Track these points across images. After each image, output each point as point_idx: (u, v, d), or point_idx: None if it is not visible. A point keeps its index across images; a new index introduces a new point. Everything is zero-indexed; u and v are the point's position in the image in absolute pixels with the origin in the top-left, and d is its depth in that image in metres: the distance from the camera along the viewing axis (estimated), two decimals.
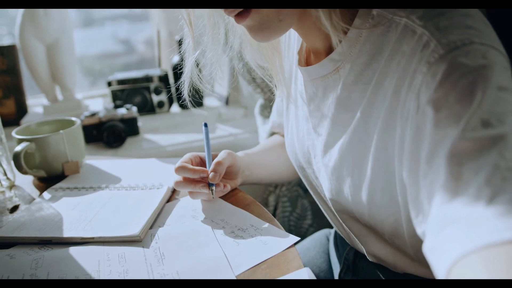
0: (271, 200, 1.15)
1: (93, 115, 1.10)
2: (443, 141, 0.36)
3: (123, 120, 1.13)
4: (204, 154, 0.68)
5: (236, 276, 0.48)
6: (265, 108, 1.14)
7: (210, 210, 0.63)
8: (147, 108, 1.31)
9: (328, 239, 0.81)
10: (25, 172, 0.75)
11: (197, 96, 0.61)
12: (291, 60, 0.65)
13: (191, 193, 0.64)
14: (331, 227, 0.80)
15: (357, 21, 0.47)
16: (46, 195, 0.72)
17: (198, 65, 0.59)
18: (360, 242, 0.60)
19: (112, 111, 1.13)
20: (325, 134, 0.55)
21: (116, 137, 1.09)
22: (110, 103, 1.23)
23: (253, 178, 0.72)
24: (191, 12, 0.55)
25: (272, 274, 0.47)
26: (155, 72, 1.31)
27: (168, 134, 1.22)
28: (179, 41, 1.24)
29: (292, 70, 0.65)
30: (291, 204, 1.15)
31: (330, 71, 0.51)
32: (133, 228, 0.57)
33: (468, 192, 0.32)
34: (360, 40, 0.47)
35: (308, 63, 0.59)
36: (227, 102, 1.37)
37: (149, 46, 1.67)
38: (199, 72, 0.59)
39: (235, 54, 0.62)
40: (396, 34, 0.43)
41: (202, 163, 0.68)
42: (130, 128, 1.15)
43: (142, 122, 1.23)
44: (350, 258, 0.67)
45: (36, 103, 1.39)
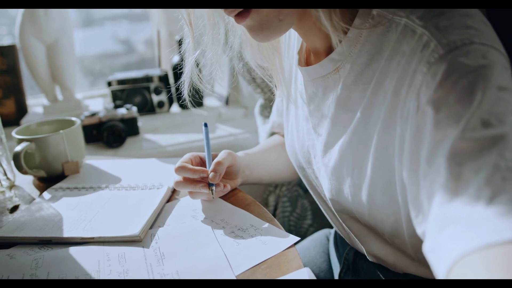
0: (271, 200, 1.14)
1: (93, 115, 1.10)
2: (443, 141, 0.36)
3: (123, 120, 1.13)
4: (204, 154, 0.68)
5: (236, 276, 0.48)
6: (265, 108, 1.14)
7: (210, 210, 0.63)
8: (147, 108, 1.31)
9: (328, 239, 0.81)
10: (25, 172, 0.75)
11: (197, 96, 0.62)
12: (291, 60, 0.65)
13: (191, 193, 0.64)
14: (331, 227, 0.80)
15: (357, 21, 0.47)
16: (46, 195, 0.72)
17: (198, 65, 0.59)
18: (360, 242, 0.60)
19: (112, 111, 1.13)
20: (325, 134, 0.55)
21: (116, 137, 1.09)
22: (110, 103, 1.23)
23: (253, 178, 0.72)
24: (191, 12, 0.55)
25: (272, 274, 0.47)
26: (155, 72, 1.31)
27: (168, 134, 1.22)
28: (179, 41, 1.24)
29: (292, 70, 0.65)
30: (291, 204, 1.14)
31: (330, 71, 0.51)
32: (133, 228, 0.57)
33: (468, 192, 0.32)
34: (360, 40, 0.47)
35: (308, 63, 0.59)
36: (227, 102, 1.37)
37: (149, 46, 1.67)
38: (199, 72, 0.59)
39: (235, 54, 0.62)
40: (396, 34, 0.43)
41: (202, 163, 0.68)
42: (130, 128, 1.15)
43: (142, 122, 1.23)
44: (350, 258, 0.67)
45: (36, 103, 1.39)
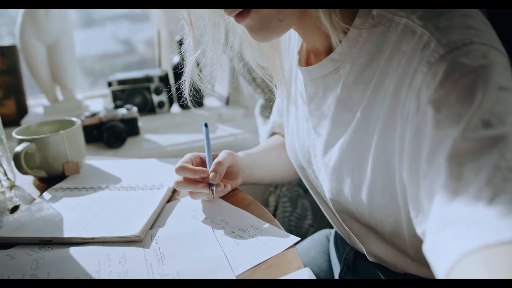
0: (272, 200, 1.14)
1: (93, 115, 1.10)
2: (443, 141, 0.36)
3: (124, 120, 1.14)
4: (204, 154, 0.68)
5: (236, 276, 0.48)
6: (265, 108, 1.14)
7: (211, 210, 0.63)
8: (147, 108, 1.31)
9: (328, 239, 0.81)
10: (25, 173, 0.75)
11: (197, 96, 0.62)
12: (291, 60, 0.65)
13: (191, 193, 0.64)
14: (331, 227, 0.80)
15: (357, 21, 0.47)
16: (47, 195, 0.72)
17: (198, 64, 0.59)
18: (360, 242, 0.60)
19: (112, 111, 1.13)
20: (325, 134, 0.55)
21: (116, 137, 1.09)
22: (110, 103, 1.23)
23: (253, 178, 0.72)
24: (191, 12, 0.55)
25: (272, 274, 0.47)
26: (155, 72, 1.31)
27: (168, 134, 1.22)
28: (180, 41, 1.24)
29: (292, 70, 0.65)
30: (291, 204, 1.14)
31: (330, 71, 0.51)
32: (133, 228, 0.57)
33: (469, 192, 0.32)
34: (360, 40, 0.47)
35: (308, 63, 0.59)
36: (228, 102, 1.37)
37: (149, 46, 1.67)
38: (199, 72, 0.59)
39: (236, 54, 0.62)
40: (396, 34, 0.43)
41: (202, 163, 0.68)
42: (130, 128, 1.16)
43: (143, 122, 1.23)
44: (350, 258, 0.67)
45: (36, 104, 1.39)
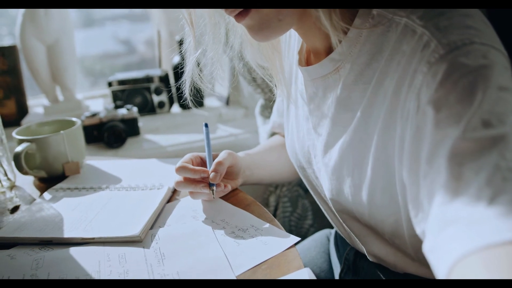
0: (272, 200, 1.14)
1: (93, 115, 1.10)
2: (443, 141, 0.36)
3: (124, 120, 1.14)
4: (204, 154, 0.68)
5: (236, 276, 0.48)
6: (265, 109, 1.14)
7: (211, 211, 0.63)
8: (147, 108, 1.31)
9: (328, 239, 0.81)
10: (25, 173, 0.75)
11: (198, 96, 0.62)
12: (291, 60, 0.65)
13: (191, 193, 0.64)
14: (331, 227, 0.80)
15: (357, 21, 0.47)
16: (47, 195, 0.72)
17: (199, 64, 0.59)
18: (361, 242, 0.60)
19: (112, 111, 1.13)
20: (325, 134, 0.55)
21: (116, 137, 1.09)
22: (110, 104, 1.23)
23: (253, 178, 0.72)
24: (192, 12, 0.55)
25: (272, 274, 0.47)
26: (155, 72, 1.31)
27: (168, 135, 1.22)
28: (180, 41, 1.24)
29: (292, 70, 0.65)
30: (291, 204, 1.14)
31: (330, 71, 0.51)
32: (133, 229, 0.57)
33: (469, 192, 0.32)
34: (360, 40, 0.47)
35: (308, 63, 0.59)
36: (228, 102, 1.37)
37: (149, 46, 1.67)
38: (200, 72, 0.59)
39: (236, 54, 0.62)
40: (396, 34, 0.43)
41: (202, 163, 0.68)
42: (130, 128, 1.16)
43: (143, 123, 1.23)
44: (350, 258, 0.67)
45: (36, 104, 1.39)
